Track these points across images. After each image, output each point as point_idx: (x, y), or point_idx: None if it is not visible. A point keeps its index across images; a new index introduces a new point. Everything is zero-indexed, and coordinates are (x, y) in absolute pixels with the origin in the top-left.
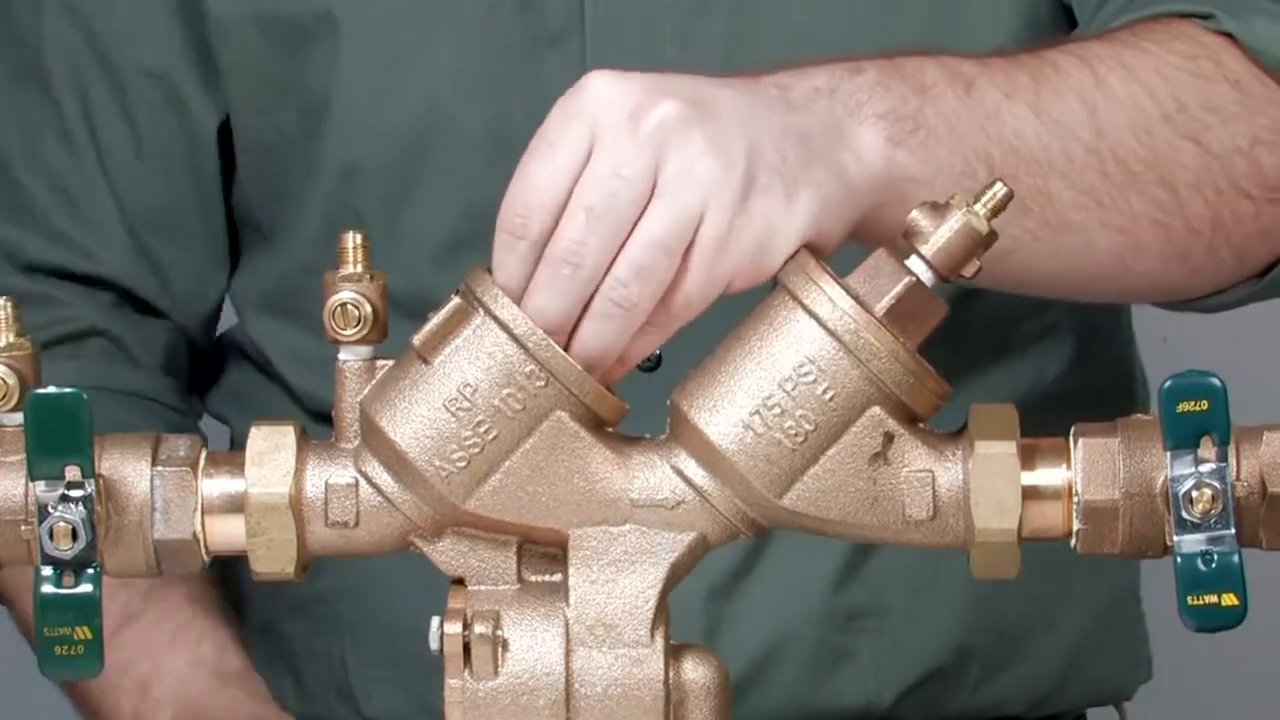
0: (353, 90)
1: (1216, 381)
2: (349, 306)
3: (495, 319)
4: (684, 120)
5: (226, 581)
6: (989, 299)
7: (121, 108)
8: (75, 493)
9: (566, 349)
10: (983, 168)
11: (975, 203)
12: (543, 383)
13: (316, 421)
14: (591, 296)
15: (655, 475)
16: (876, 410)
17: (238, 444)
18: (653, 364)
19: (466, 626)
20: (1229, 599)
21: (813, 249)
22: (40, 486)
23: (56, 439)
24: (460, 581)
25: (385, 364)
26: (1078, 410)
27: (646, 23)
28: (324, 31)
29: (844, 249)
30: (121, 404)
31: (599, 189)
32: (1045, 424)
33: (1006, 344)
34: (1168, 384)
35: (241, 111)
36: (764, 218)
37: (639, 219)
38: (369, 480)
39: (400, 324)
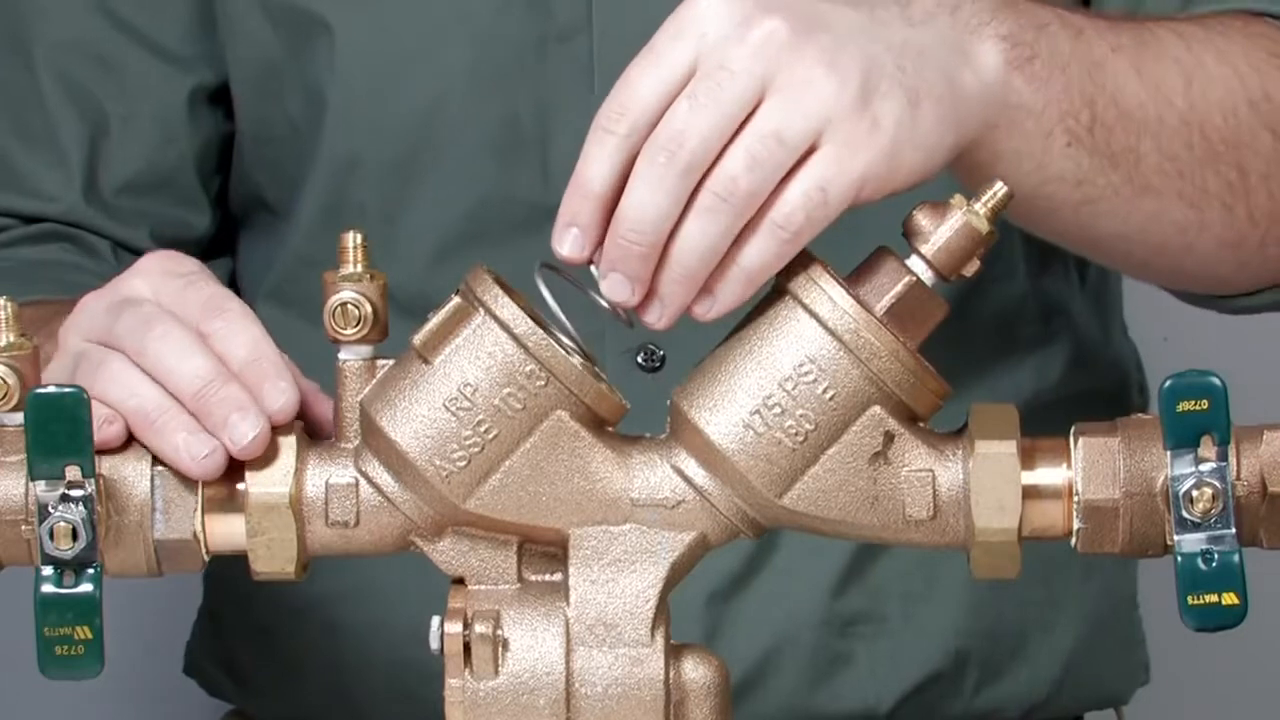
0: (351, 87)
1: (1216, 381)
2: (349, 306)
3: (495, 318)
4: (795, 34)
5: (226, 582)
6: (992, 302)
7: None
8: (75, 493)
9: (666, 255)
10: (1086, 112)
11: (975, 202)
12: (543, 382)
13: None
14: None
15: (655, 475)
16: (877, 410)
17: None
18: (657, 364)
19: (467, 626)
20: (1229, 598)
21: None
22: (40, 486)
23: (56, 439)
24: (460, 581)
25: (385, 363)
26: (1077, 410)
27: (653, 22)
28: (320, 30)
29: (844, 249)
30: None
31: (704, 83)
32: (1046, 424)
33: (1009, 347)
34: (1168, 384)
35: (247, 99)
36: (891, 122)
37: (748, 118)
38: (369, 480)
39: (400, 321)
